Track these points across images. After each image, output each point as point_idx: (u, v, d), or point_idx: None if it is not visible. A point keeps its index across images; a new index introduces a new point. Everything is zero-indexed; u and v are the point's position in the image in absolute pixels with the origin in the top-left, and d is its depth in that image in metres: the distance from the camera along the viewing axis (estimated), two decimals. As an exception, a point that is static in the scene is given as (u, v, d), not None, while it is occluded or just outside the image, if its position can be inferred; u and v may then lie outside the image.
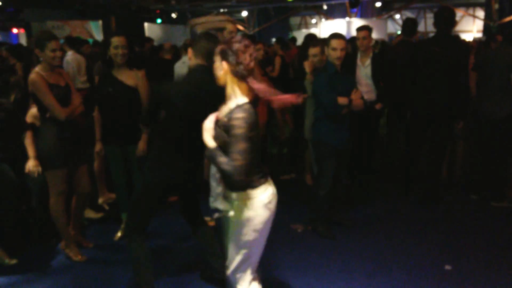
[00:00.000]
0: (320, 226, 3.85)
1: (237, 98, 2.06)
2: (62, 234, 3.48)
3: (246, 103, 2.04)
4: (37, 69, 3.19)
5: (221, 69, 2.07)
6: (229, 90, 2.10)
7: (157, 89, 2.78)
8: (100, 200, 4.45)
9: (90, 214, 4.24)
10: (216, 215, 4.30)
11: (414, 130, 4.54)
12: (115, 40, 3.43)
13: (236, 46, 2.03)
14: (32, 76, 3.14)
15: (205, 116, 2.16)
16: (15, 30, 15.48)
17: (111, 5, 15.23)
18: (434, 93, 4.14)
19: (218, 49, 2.09)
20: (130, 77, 3.52)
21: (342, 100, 3.50)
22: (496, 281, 3.09)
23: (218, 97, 2.19)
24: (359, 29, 4.76)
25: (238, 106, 2.02)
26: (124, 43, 3.45)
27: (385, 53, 5.92)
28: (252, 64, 2.05)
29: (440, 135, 4.27)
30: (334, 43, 3.45)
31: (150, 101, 3.31)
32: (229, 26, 4.15)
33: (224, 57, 2.05)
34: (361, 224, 4.07)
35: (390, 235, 3.86)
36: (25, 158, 3.51)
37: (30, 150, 3.44)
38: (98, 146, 3.72)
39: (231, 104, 2.07)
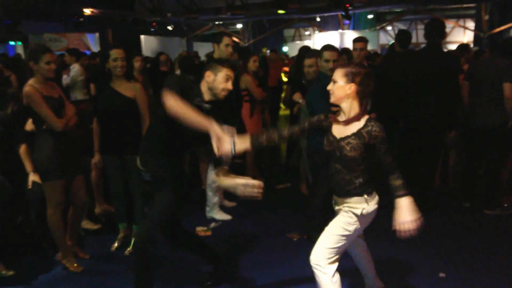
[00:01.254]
0: (315, 235, 3.86)
1: (356, 113, 2.42)
2: (59, 245, 3.49)
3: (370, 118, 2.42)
4: (31, 81, 3.21)
5: (348, 89, 2.36)
6: (346, 107, 2.43)
7: None
8: (97, 210, 4.46)
9: (87, 225, 4.25)
10: (213, 224, 4.34)
11: (406, 139, 4.62)
12: (114, 53, 3.48)
13: (363, 71, 2.37)
14: (27, 89, 3.16)
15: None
16: (12, 42, 15.53)
17: (108, 18, 15.34)
18: (425, 103, 4.24)
19: (346, 71, 2.37)
20: (128, 89, 3.57)
21: (335, 110, 3.55)
22: None
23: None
24: (356, 40, 4.83)
25: (371, 120, 2.40)
26: (123, 55, 3.50)
27: (381, 64, 6.02)
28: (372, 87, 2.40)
29: (432, 144, 4.34)
30: (327, 54, 3.52)
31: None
32: (225, 39, 4.23)
33: (353, 79, 2.35)
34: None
35: (384, 243, 3.89)
36: (22, 169, 3.55)
37: (28, 165, 3.48)
38: (96, 157, 3.75)
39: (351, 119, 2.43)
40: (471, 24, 17.02)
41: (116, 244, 3.87)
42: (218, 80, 2.67)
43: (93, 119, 3.78)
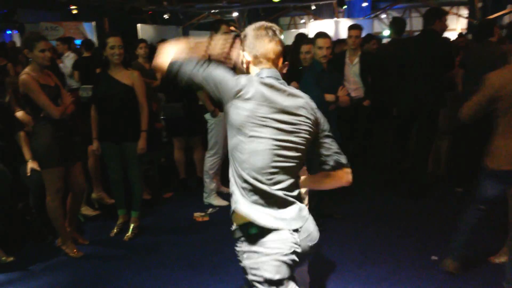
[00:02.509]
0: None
1: None
2: (59, 231, 3.54)
3: None
4: (27, 70, 3.22)
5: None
6: None
7: None
8: (93, 196, 4.51)
9: (86, 211, 4.31)
10: (210, 210, 4.40)
11: (400, 126, 4.69)
12: (111, 40, 3.50)
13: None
14: (23, 77, 3.17)
15: None
16: (9, 31, 15.41)
17: (104, 7, 15.24)
18: (418, 89, 4.30)
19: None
20: (126, 76, 3.60)
21: (329, 97, 3.61)
22: (480, 271, 3.20)
23: None
24: (351, 28, 4.86)
25: None
26: (120, 43, 3.53)
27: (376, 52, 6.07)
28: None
29: (425, 130, 4.41)
30: (320, 42, 3.56)
31: None
32: (223, 27, 4.24)
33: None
34: (351, 217, 4.19)
35: (379, 227, 3.97)
36: (21, 157, 3.60)
37: (26, 152, 3.52)
38: (95, 145, 3.80)
39: None
40: (464, 12, 17.01)
41: (115, 230, 3.93)
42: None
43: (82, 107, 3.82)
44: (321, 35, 3.65)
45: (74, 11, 13.93)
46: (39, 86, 3.19)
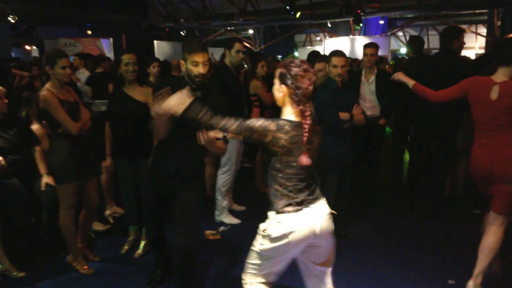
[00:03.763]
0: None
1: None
2: (70, 247, 3.53)
3: (288, 120, 2.08)
4: (48, 85, 3.27)
5: (280, 91, 2.11)
6: (285, 112, 2.14)
7: None
8: (107, 212, 4.52)
9: (97, 226, 4.30)
10: (222, 228, 4.36)
11: (418, 145, 4.61)
12: (126, 57, 3.52)
13: (295, 70, 2.06)
14: (44, 93, 3.22)
15: None
16: (27, 47, 15.83)
17: (122, 24, 15.56)
18: (436, 109, 4.22)
19: (277, 72, 2.13)
20: (140, 93, 3.61)
21: (343, 116, 3.57)
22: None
23: None
24: (367, 46, 4.83)
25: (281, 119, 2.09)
26: (134, 60, 3.55)
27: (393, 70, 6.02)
28: (310, 88, 2.09)
29: (443, 151, 4.33)
30: (335, 60, 3.54)
31: None
32: (237, 45, 4.26)
33: (283, 80, 2.09)
34: (365, 238, 4.10)
35: (395, 249, 3.88)
36: (35, 172, 3.62)
37: (42, 167, 3.55)
38: (108, 161, 3.81)
39: None
40: (483, 30, 16.89)
41: (126, 247, 3.91)
42: (189, 68, 2.62)
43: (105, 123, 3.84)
44: (336, 53, 3.63)
45: (89, 31, 14.25)
46: (58, 102, 3.23)
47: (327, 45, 14.94)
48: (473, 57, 8.06)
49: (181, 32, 18.61)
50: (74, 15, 13.87)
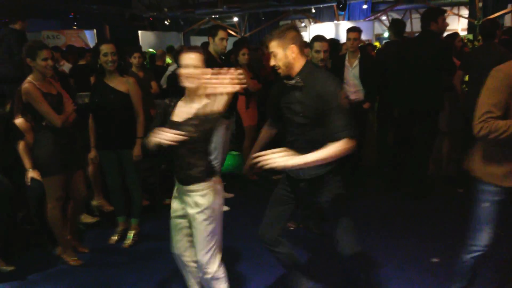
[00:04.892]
0: (311, 224, 3.94)
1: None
2: (59, 240, 3.54)
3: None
4: (30, 78, 3.23)
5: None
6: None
7: None
8: (94, 203, 4.52)
9: (86, 219, 4.31)
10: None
11: (401, 126, 4.68)
12: (104, 48, 3.48)
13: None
14: (26, 85, 3.18)
15: None
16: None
17: (105, 14, 15.33)
18: (417, 90, 4.29)
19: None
20: (121, 83, 3.59)
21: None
22: (481, 273, 3.18)
23: None
24: (350, 30, 4.85)
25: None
26: (113, 49, 3.50)
27: (377, 53, 6.08)
28: None
29: (426, 131, 4.40)
30: (317, 45, 3.56)
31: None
32: (220, 32, 4.25)
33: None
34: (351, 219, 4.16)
35: (380, 229, 3.95)
36: (20, 166, 3.60)
37: (26, 161, 3.53)
38: (92, 153, 3.80)
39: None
40: (465, 12, 16.97)
41: (115, 237, 3.93)
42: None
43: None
44: (318, 38, 3.65)
45: (75, 27, 14.01)
46: (41, 95, 3.20)
47: (312, 31, 14.93)
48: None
49: (165, 22, 18.42)
50: (57, 7, 13.64)
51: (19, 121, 3.80)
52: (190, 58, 2.26)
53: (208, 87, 2.04)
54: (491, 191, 2.40)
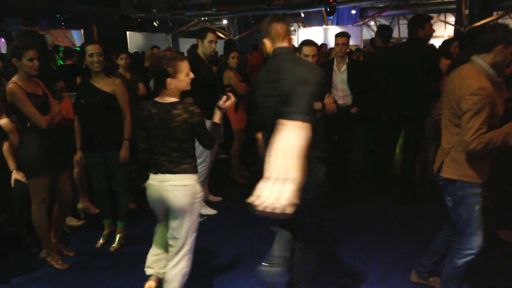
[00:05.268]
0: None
1: None
2: (44, 242, 3.49)
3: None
4: (14, 79, 3.18)
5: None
6: None
7: None
8: (79, 206, 4.47)
9: (72, 222, 4.26)
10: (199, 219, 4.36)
11: (387, 132, 4.72)
12: (90, 48, 3.44)
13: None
14: (10, 86, 3.14)
15: None
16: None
17: (93, 14, 15.22)
18: (403, 96, 4.34)
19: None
20: (107, 84, 3.55)
21: (315, 105, 3.61)
22: (468, 276, 3.21)
23: None
24: (338, 35, 4.88)
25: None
26: (99, 50, 3.46)
27: (364, 59, 6.12)
28: None
29: (412, 136, 4.45)
30: (306, 50, 3.57)
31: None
32: (209, 35, 4.24)
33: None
34: (339, 224, 4.19)
35: (367, 235, 3.98)
36: (4, 167, 3.55)
37: (11, 163, 3.47)
38: (78, 155, 3.76)
39: None
40: (451, 19, 17.22)
41: (101, 241, 3.89)
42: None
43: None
44: (307, 43, 3.66)
45: (64, 28, 13.88)
46: (26, 96, 3.16)
47: (301, 35, 15.02)
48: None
49: (154, 23, 18.35)
50: (44, 6, 13.49)
51: (3, 121, 3.75)
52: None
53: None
54: (478, 193, 2.56)
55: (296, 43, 6.87)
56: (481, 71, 2.47)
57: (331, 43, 12.72)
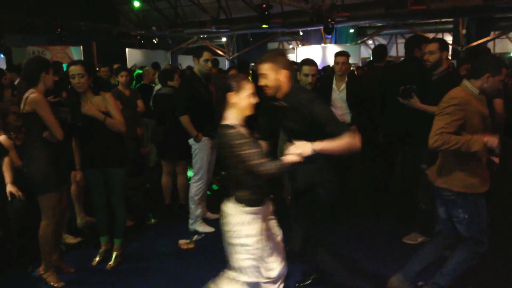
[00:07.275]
0: (297, 245, 3.91)
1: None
2: (44, 258, 3.42)
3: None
4: (34, 89, 3.20)
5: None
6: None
7: None
8: (78, 223, 4.43)
9: (68, 239, 4.21)
10: (196, 237, 4.34)
11: (385, 151, 4.72)
12: (71, 70, 3.41)
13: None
14: (35, 95, 3.15)
15: None
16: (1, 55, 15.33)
17: (92, 31, 15.34)
18: (400, 115, 4.35)
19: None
20: (98, 103, 3.50)
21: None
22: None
23: None
24: (338, 54, 4.92)
25: None
26: (80, 71, 3.39)
27: (360, 78, 6.16)
28: None
29: (411, 154, 4.44)
30: (306, 69, 3.60)
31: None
32: (205, 54, 4.28)
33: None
34: (338, 243, 4.15)
35: (367, 251, 3.95)
36: (1, 184, 3.52)
37: (8, 175, 3.44)
38: (78, 176, 3.74)
39: None
40: (449, 38, 17.44)
41: (97, 258, 3.84)
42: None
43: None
44: (307, 62, 3.69)
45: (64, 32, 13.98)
46: (49, 105, 3.20)
47: (300, 53, 15.15)
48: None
49: (153, 40, 18.50)
50: (43, 23, 13.59)
51: (2, 137, 3.74)
52: None
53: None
54: (482, 203, 2.80)
55: (295, 61, 6.92)
56: (467, 91, 2.77)
57: (330, 61, 12.86)
